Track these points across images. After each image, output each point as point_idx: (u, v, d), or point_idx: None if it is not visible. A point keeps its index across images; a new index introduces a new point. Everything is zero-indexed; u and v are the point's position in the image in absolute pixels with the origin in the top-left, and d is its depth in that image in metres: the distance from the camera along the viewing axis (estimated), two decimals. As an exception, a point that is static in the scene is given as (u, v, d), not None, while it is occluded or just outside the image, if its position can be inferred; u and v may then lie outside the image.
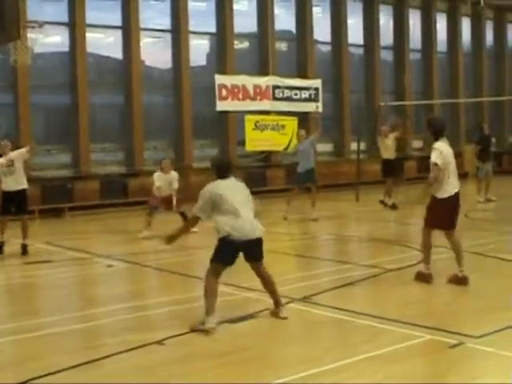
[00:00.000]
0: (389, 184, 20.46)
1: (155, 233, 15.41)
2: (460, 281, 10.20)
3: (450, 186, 10.11)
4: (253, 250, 8.42)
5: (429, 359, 7.12)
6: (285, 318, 8.46)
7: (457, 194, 10.21)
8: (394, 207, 19.99)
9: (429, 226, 10.41)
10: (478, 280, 10.76)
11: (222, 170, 8.66)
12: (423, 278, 10.39)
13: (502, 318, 8.30)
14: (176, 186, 16.27)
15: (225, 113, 24.60)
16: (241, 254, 8.35)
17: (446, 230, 10.38)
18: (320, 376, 6.59)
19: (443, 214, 10.23)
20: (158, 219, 16.29)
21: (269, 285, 8.68)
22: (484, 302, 9.26)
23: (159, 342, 7.65)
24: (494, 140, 32.96)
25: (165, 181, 16.25)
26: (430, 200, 10.33)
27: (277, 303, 8.68)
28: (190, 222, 9.02)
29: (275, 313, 8.60)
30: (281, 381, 6.48)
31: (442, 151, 10.03)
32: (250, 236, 8.29)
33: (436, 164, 9.95)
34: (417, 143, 30.90)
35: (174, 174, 16.42)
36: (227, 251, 8.30)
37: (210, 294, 8.28)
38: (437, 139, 10.20)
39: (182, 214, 15.69)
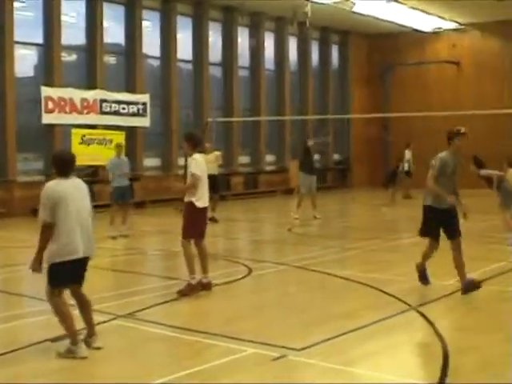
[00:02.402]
0: (215, 199, 20.57)
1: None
2: (205, 286, 10.60)
3: (203, 196, 10.69)
4: (79, 270, 7.84)
5: (251, 373, 7.19)
6: (99, 348, 7.88)
7: (206, 208, 10.91)
8: (213, 220, 20.04)
9: (187, 237, 10.75)
10: (302, 293, 11.05)
11: (62, 165, 7.81)
12: (192, 289, 10.50)
13: (324, 330, 8.53)
14: None
15: (51, 126, 24.10)
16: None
17: (197, 238, 10.80)
18: (145, 393, 6.56)
19: (199, 223, 10.75)
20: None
21: (86, 309, 8.05)
22: (307, 315, 9.49)
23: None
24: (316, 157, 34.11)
25: None
26: (185, 211, 10.75)
27: (90, 331, 8.00)
28: (43, 233, 7.64)
29: (88, 342, 7.89)
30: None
31: (198, 163, 10.59)
32: (82, 254, 7.72)
33: (194, 174, 10.48)
34: (243, 159, 31.36)
35: None
36: (61, 273, 7.66)
37: (62, 317, 7.74)
38: (195, 151, 10.75)
39: None
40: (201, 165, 10.65)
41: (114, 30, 26.87)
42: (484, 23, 33.49)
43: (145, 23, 27.43)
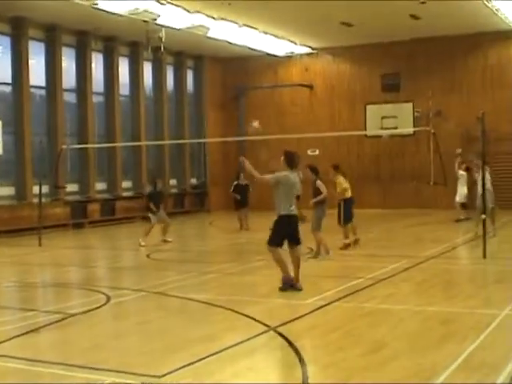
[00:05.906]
0: None
1: None
2: None
3: None
4: None
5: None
6: None
7: None
8: None
9: None
10: (161, 319, 11.00)
11: None
12: None
13: (185, 355, 8.49)
14: None
15: None
16: None
17: None
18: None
19: None
20: None
21: None
22: (167, 340, 9.42)
23: None
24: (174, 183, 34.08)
25: None
26: None
27: None
28: None
29: None
30: None
31: None
32: None
33: None
34: (100, 185, 30.91)
35: None
36: None
37: None
38: None
39: None
40: None
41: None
42: (334, 48, 34.41)
43: (-6, 48, 26.74)
